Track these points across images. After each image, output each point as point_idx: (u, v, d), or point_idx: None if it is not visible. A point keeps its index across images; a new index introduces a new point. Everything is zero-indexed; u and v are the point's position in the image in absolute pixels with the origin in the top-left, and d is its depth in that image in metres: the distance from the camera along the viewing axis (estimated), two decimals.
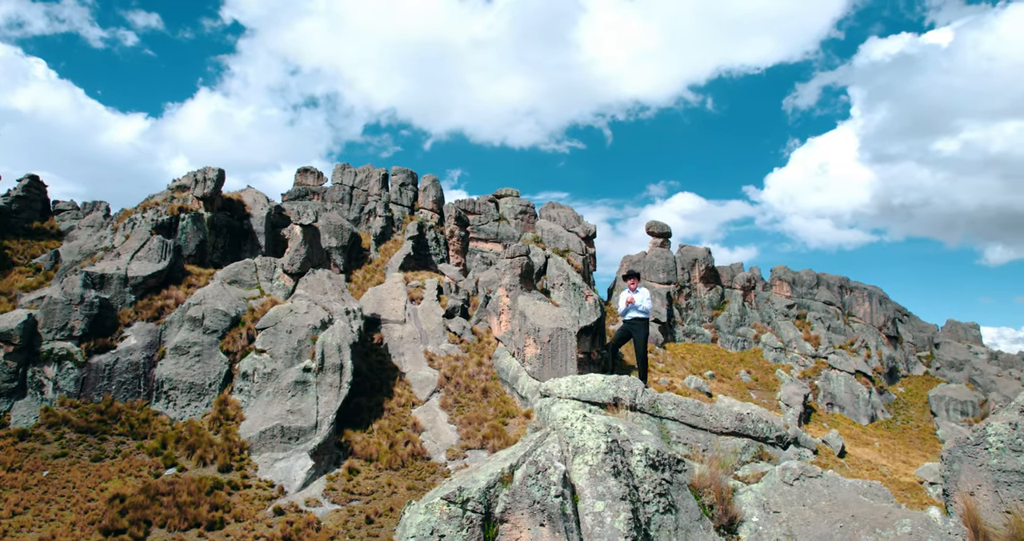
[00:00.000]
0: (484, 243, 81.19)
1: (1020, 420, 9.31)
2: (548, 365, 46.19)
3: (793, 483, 7.25)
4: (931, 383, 77.59)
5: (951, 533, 6.82)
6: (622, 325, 11.14)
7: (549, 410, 7.99)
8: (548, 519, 5.78)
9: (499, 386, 47.69)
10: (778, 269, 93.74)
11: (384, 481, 35.66)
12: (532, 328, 47.44)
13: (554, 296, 57.74)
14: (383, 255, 64.87)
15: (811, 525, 6.74)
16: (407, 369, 47.31)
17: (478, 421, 42.86)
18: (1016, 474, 9.13)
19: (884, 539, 6.56)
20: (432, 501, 6.10)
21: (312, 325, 40.95)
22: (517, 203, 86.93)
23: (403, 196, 73.72)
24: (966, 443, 9.73)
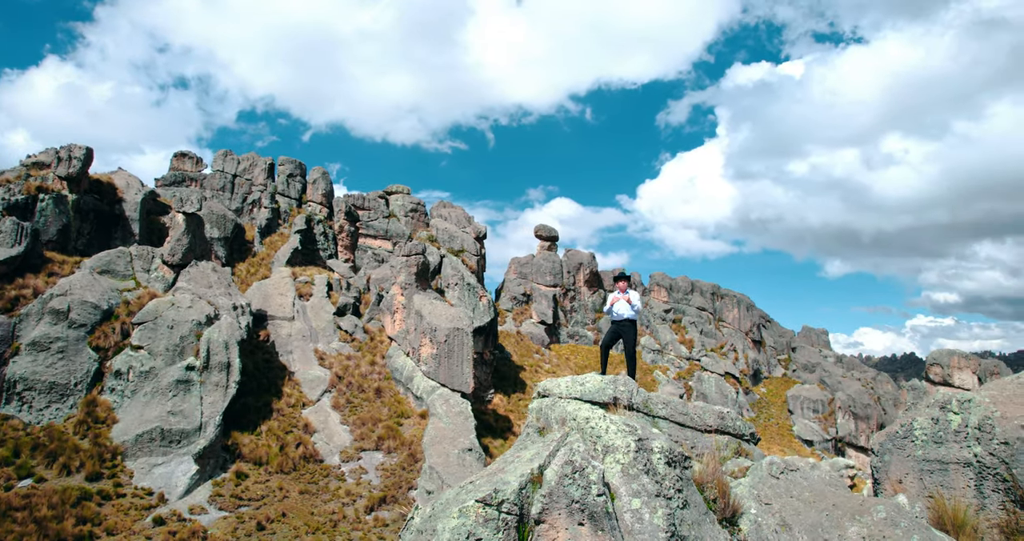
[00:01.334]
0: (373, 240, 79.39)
1: (940, 415, 10.45)
2: (444, 365, 45.94)
3: (779, 476, 7.74)
4: (789, 384, 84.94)
5: (917, 516, 7.57)
6: (612, 326, 11.37)
7: (552, 410, 8.00)
8: (589, 518, 5.80)
9: (393, 386, 46.82)
10: (656, 275, 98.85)
11: (275, 485, 33.94)
12: (428, 327, 46.99)
13: (449, 296, 57.52)
14: (268, 248, 61.72)
15: (801, 515, 7.23)
16: (296, 368, 45.31)
17: (372, 422, 41.86)
18: (937, 463, 10.24)
19: (865, 524, 7.17)
20: (466, 504, 5.94)
21: (196, 320, 38.20)
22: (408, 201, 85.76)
23: (291, 188, 70.54)
24: (895, 436, 10.80)
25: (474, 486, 6.38)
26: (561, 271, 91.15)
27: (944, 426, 10.23)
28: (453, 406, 43.09)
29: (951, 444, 10.12)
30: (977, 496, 9.77)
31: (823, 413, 76.22)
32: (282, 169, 71.77)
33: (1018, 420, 9.80)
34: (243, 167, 70.84)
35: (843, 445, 74.21)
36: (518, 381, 61.89)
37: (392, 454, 39.17)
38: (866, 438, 74.20)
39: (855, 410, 74.64)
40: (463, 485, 6.59)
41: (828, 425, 75.02)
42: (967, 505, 9.86)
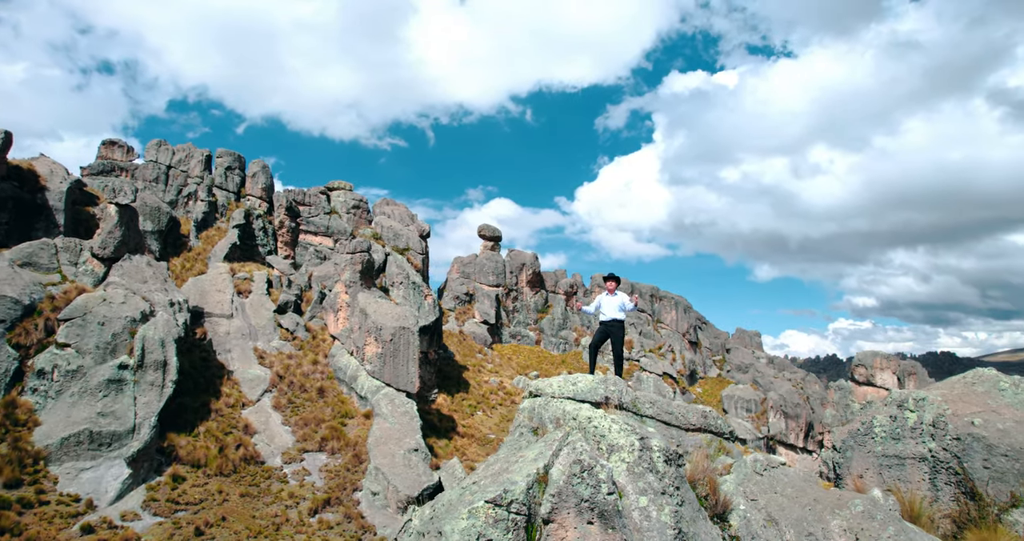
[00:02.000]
0: (314, 236, 77.64)
1: (898, 413, 11.03)
2: (389, 364, 45.37)
3: (763, 473, 8.01)
4: (723, 384, 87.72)
5: (891, 509, 7.97)
6: (600, 327, 11.45)
7: (546, 410, 8.02)
8: (599, 517, 5.85)
9: (336, 385, 45.90)
10: (597, 277, 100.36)
11: (214, 488, 32.72)
12: (374, 326, 46.29)
13: (393, 294, 56.83)
14: (205, 243, 59.47)
15: (785, 510, 7.50)
16: (235, 367, 43.83)
17: (315, 422, 40.92)
18: (895, 458, 10.81)
19: (845, 518, 7.50)
20: (475, 506, 5.90)
21: (130, 317, 36.44)
22: (350, 197, 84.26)
23: (229, 181, 68.18)
24: (857, 433, 11.32)
25: (479, 487, 6.34)
26: (504, 271, 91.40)
27: (901, 423, 10.80)
28: (398, 406, 42.60)
29: (908, 440, 10.69)
30: (931, 489, 10.36)
31: (756, 412, 79.09)
32: (220, 161, 69.29)
33: (968, 417, 10.43)
34: (178, 158, 68.04)
35: (775, 443, 77.19)
36: (461, 381, 61.71)
37: (336, 455, 38.39)
38: (795, 436, 77.40)
39: (786, 409, 77.76)
40: (465, 486, 6.54)
41: (761, 424, 77.89)
42: (922, 497, 10.42)
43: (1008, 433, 10.00)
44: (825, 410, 77.90)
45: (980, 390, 11.11)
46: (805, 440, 78.24)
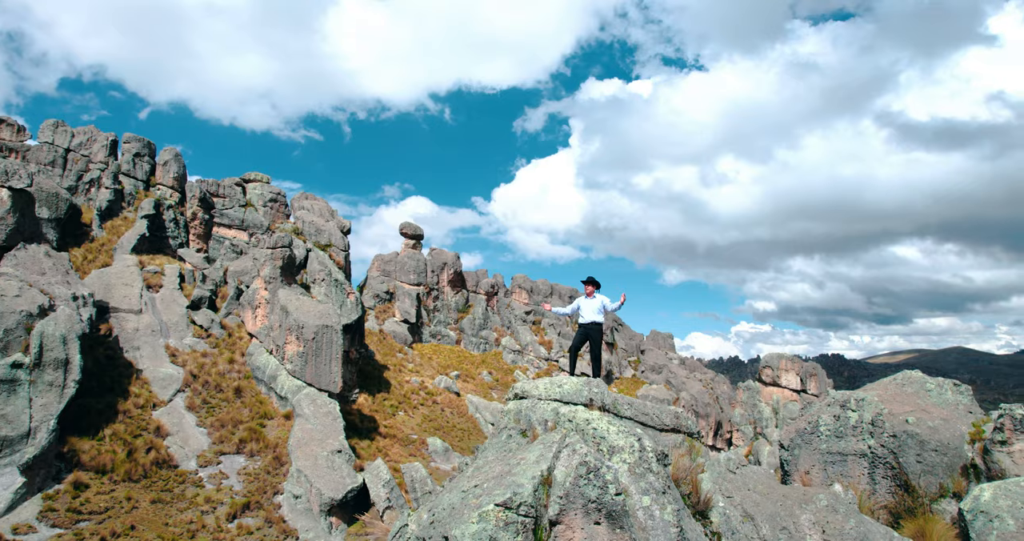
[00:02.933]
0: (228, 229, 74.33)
1: (841, 413, 11.77)
2: (311, 364, 44.09)
3: (736, 471, 8.38)
4: (638, 384, 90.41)
5: (850, 502, 8.52)
6: (580, 329, 11.51)
7: (534, 411, 8.05)
8: (607, 517, 5.96)
9: (254, 385, 44.14)
10: (518, 277, 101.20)
11: (122, 495, 30.75)
12: (295, 324, 44.84)
13: (315, 291, 55.25)
14: (110, 233, 55.75)
15: (759, 506, 7.88)
16: (145, 365, 41.34)
17: (232, 423, 39.21)
18: (838, 455, 11.53)
19: (812, 511, 7.97)
20: (485, 509, 5.88)
21: (26, 311, 33.68)
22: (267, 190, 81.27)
23: (137, 168, 64.18)
24: (804, 432, 12.00)
25: (482, 490, 6.32)
26: (425, 270, 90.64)
27: (844, 422, 11.54)
28: (321, 406, 41.46)
29: (850, 438, 11.44)
30: (870, 483, 11.13)
31: None
32: (127, 147, 65.12)
33: (903, 416, 11.28)
34: (79, 141, 63.42)
35: None
36: (382, 380, 60.74)
37: (255, 457, 36.93)
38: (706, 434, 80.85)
39: (697, 409, 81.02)
40: (466, 489, 6.50)
41: None
42: (862, 491, 11.18)
43: (937, 430, 10.89)
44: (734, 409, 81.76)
45: (910, 391, 12.04)
46: (715, 438, 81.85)
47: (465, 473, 7.60)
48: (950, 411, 11.26)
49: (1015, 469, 9.97)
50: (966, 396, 11.65)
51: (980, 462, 10.41)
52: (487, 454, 7.85)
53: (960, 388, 11.75)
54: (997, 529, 8.84)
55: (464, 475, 7.56)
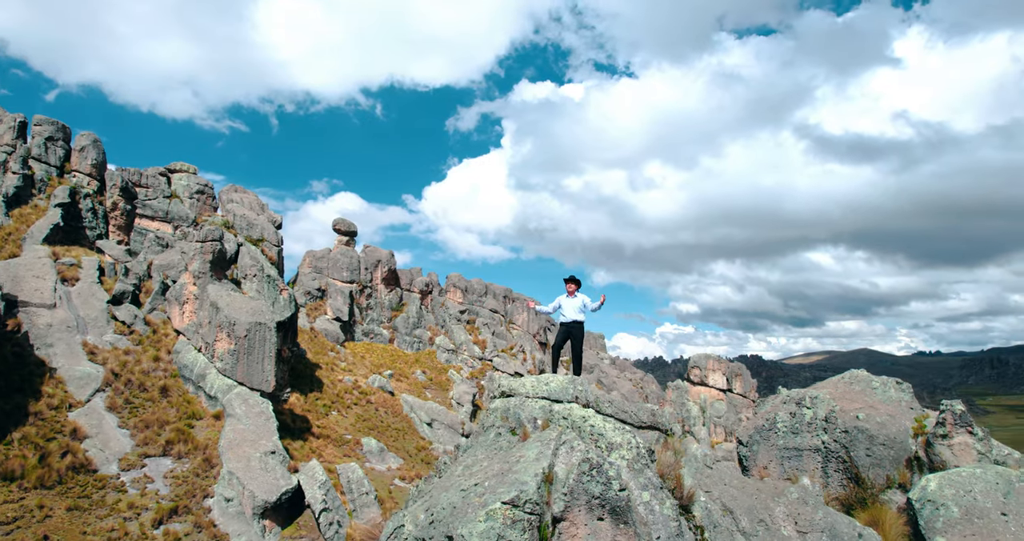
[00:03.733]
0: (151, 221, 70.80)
1: (796, 410, 12.32)
2: (244, 362, 42.59)
3: (712, 466, 8.65)
4: None
5: (818, 495, 8.95)
6: (562, 328, 11.56)
7: (523, 409, 8.06)
8: (610, 513, 6.05)
9: (181, 384, 42.22)
10: (453, 277, 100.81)
11: (33, 503, 28.80)
12: (227, 321, 43.19)
13: (246, 287, 53.36)
14: (18, 222, 52.10)
15: (736, 499, 8.18)
16: (59, 364, 38.86)
17: (158, 424, 37.39)
18: (795, 450, 12.07)
19: (784, 504, 8.33)
20: (492, 507, 5.87)
21: None
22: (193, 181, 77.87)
23: (50, 153, 60.20)
24: (762, 429, 12.49)
25: (484, 488, 6.29)
26: (359, 267, 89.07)
27: (800, 419, 12.09)
28: (253, 406, 40.09)
29: (805, 434, 12.00)
30: (823, 476, 11.71)
31: None
32: (38, 130, 60.99)
33: (853, 412, 11.91)
34: None
35: None
36: (314, 380, 59.29)
37: (183, 460, 35.34)
38: None
39: None
40: (466, 488, 6.46)
41: None
42: (816, 484, 11.73)
43: (885, 425, 11.57)
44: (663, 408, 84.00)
45: (857, 389, 12.73)
46: None
47: (454, 472, 7.54)
48: (894, 407, 11.99)
49: (955, 461, 10.71)
50: (907, 393, 12.44)
51: (923, 455, 11.14)
52: (476, 452, 7.81)
53: (902, 386, 12.53)
54: (943, 516, 9.48)
55: (453, 474, 7.49)
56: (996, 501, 9.62)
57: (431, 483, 8.05)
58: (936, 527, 9.41)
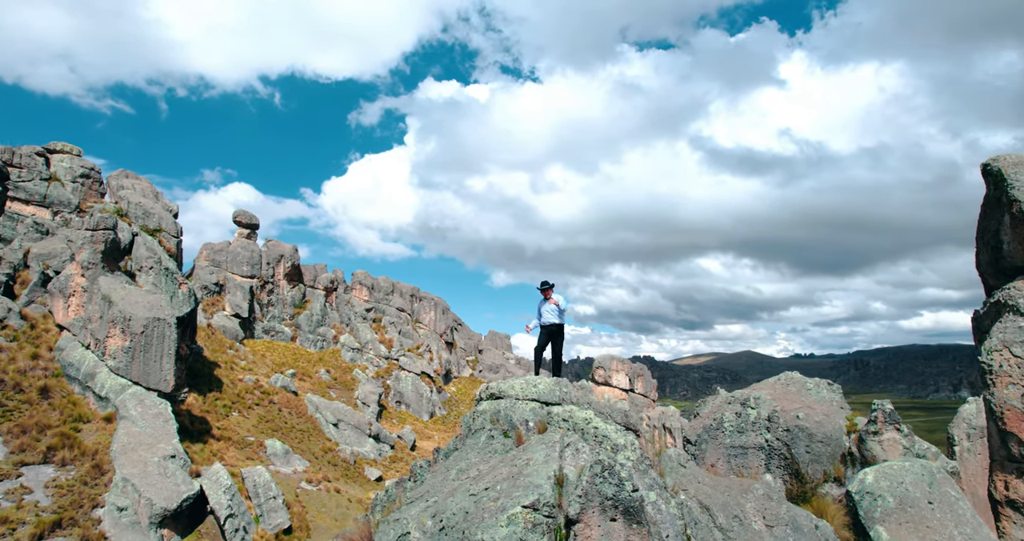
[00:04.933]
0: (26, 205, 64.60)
1: (742, 410, 12.98)
2: (139, 360, 39.75)
3: (686, 465, 8.95)
4: (476, 383, 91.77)
5: (779, 489, 9.47)
6: (542, 331, 11.58)
7: (514, 411, 8.01)
8: (623, 514, 6.13)
9: (66, 384, 38.84)
10: (359, 274, 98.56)
11: None
12: (121, 316, 40.16)
13: (142, 280, 49.84)
14: None
15: (711, 497, 8.52)
16: None
17: (38, 429, 34.21)
18: (740, 448, 12.71)
19: (752, 500, 8.77)
20: (513, 512, 5.84)
21: None
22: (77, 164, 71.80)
23: None
24: (710, 428, 13.05)
25: (497, 492, 6.24)
26: (260, 262, 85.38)
27: (745, 418, 12.74)
28: (150, 407, 37.50)
29: (750, 433, 12.66)
30: (765, 472, 12.38)
31: None
32: None
33: (794, 412, 12.69)
34: None
35: None
36: (213, 379, 56.26)
37: (68, 467, 32.52)
38: None
39: None
40: (476, 492, 6.38)
41: None
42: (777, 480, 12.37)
43: (822, 424, 12.40)
44: None
45: (794, 390, 13.58)
46: None
47: (447, 476, 7.38)
48: (828, 407, 12.89)
49: (884, 455, 11.66)
50: (837, 394, 13.41)
51: (856, 450, 12.04)
52: (468, 455, 7.70)
53: (833, 387, 13.50)
54: (881, 506, 10.29)
55: (447, 478, 7.34)
56: (923, 491, 10.56)
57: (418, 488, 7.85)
58: (875, 516, 10.20)
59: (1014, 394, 12.12)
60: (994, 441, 12.55)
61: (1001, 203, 14.01)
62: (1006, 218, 13.79)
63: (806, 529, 9.00)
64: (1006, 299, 12.99)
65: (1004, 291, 13.23)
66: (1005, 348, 12.26)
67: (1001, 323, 12.70)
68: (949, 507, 10.45)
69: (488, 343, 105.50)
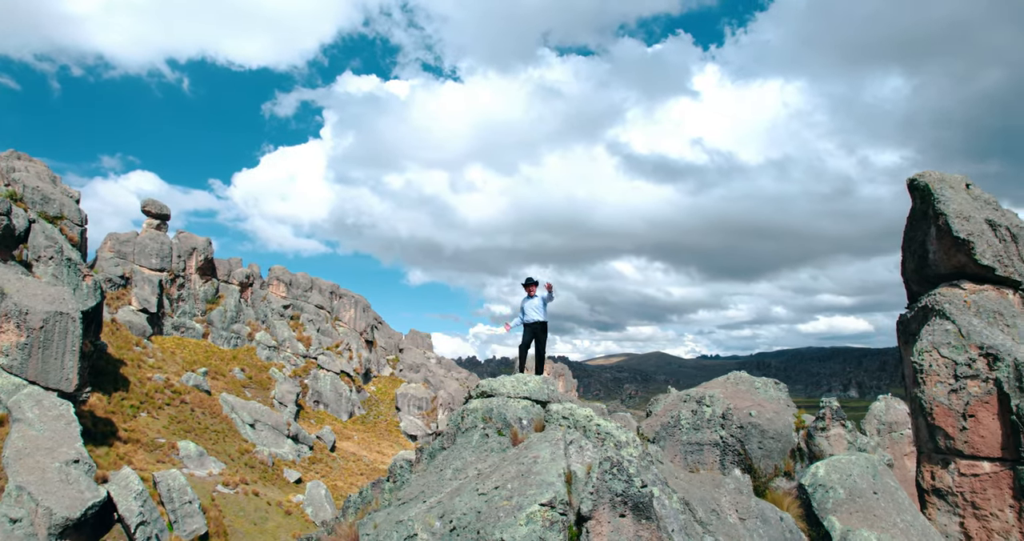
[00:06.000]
0: None
1: (697, 408, 13.41)
2: (38, 357, 36.85)
3: (663, 462, 9.14)
4: (396, 383, 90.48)
5: (748, 483, 9.82)
6: (526, 329, 11.47)
7: (507, 409, 7.92)
8: (632, 510, 6.19)
9: None
10: (276, 269, 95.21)
11: None
12: (16, 309, 37.07)
13: (40, 271, 46.18)
14: None
15: (689, 492, 8.74)
16: None
17: None
18: (696, 445, 13.12)
19: (725, 494, 9.08)
20: (531, 510, 5.79)
21: None
22: None
23: None
24: (668, 425, 13.41)
25: (509, 491, 6.18)
26: (171, 254, 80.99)
27: (700, 416, 13.16)
28: (49, 409, 34.77)
29: (705, 430, 13.09)
30: (721, 468, 12.85)
31: (427, 409, 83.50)
32: None
33: (746, 409, 13.23)
34: None
35: None
36: (119, 377, 52.89)
37: None
38: None
39: (453, 406, 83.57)
40: (486, 492, 6.29)
41: (430, 420, 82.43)
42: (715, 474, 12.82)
43: (773, 421, 12.99)
44: None
45: (743, 389, 14.15)
46: None
47: (443, 476, 7.21)
48: (776, 405, 13.51)
49: (830, 449, 12.34)
50: (784, 392, 14.09)
51: (804, 446, 12.69)
52: (462, 455, 7.55)
53: (780, 386, 14.17)
54: (832, 498, 10.88)
55: (443, 478, 7.17)
56: (869, 482, 11.25)
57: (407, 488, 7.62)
58: (827, 507, 10.78)
59: (942, 391, 13.12)
60: (922, 435, 13.55)
61: (928, 216, 15.13)
62: (932, 230, 14.90)
63: (773, 521, 9.41)
64: (933, 304, 14.02)
65: (931, 297, 14.27)
66: (934, 349, 13.25)
67: (929, 326, 13.70)
68: (891, 496, 11.18)
69: (409, 342, 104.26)
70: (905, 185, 16.44)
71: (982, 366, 12.70)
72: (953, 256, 14.15)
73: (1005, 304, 13.84)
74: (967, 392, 12.66)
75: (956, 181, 15.60)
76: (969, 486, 12.59)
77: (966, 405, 12.64)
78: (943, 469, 12.89)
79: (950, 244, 14.12)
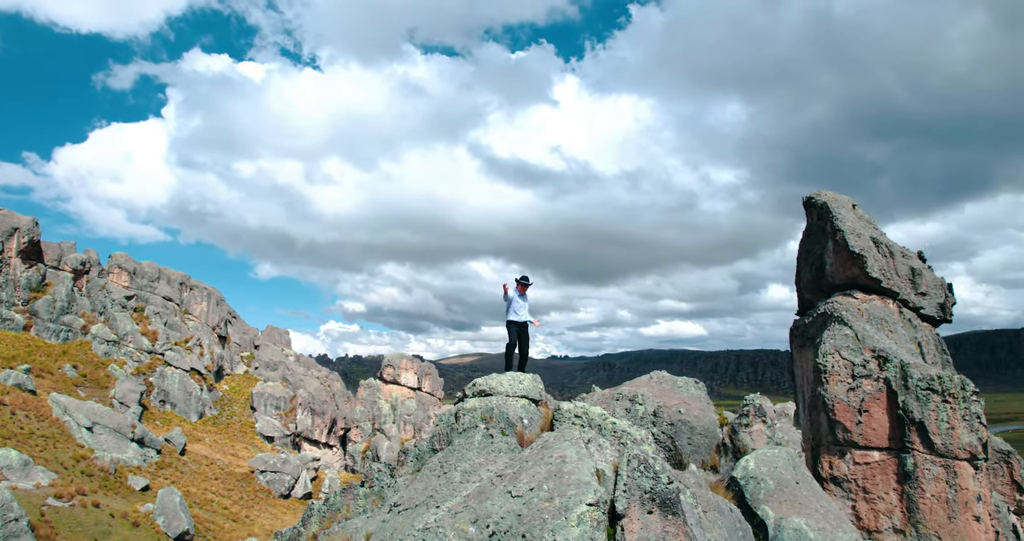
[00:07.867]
0: None
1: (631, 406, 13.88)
2: None
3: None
4: (252, 381, 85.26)
5: (705, 478, 10.28)
6: (513, 328, 11.08)
7: (507, 408, 7.69)
8: (660, 506, 6.26)
9: None
10: (119, 256, 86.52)
11: None
12: None
13: None
14: None
15: None
16: None
17: None
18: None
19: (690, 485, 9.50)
20: (580, 511, 5.76)
21: None
22: None
23: None
24: None
25: (548, 492, 6.07)
26: None
27: (634, 414, 13.64)
28: None
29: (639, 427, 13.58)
30: None
31: (285, 409, 79.45)
32: None
33: (675, 408, 13.90)
34: None
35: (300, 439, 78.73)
36: None
37: None
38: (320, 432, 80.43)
39: (313, 406, 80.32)
40: (521, 494, 6.13)
41: (289, 421, 78.56)
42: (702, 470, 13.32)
43: (700, 417, 13.74)
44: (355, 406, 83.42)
45: (667, 387, 14.85)
46: (328, 435, 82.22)
47: (450, 478, 6.85)
48: (700, 402, 14.30)
49: (753, 444, 13.29)
50: (703, 391, 14.93)
51: (728, 441, 13.54)
52: (467, 456, 7.22)
53: (700, 385, 15.00)
54: (764, 488, 11.74)
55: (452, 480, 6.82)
56: (791, 473, 12.26)
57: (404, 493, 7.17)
58: (759, 498, 11.60)
59: (842, 390, 14.58)
60: (823, 429, 14.96)
61: (826, 231, 16.75)
62: (830, 244, 16.52)
63: (725, 512, 9.98)
64: (832, 311, 15.54)
65: (829, 304, 15.81)
66: (836, 352, 14.69)
67: (830, 331, 15.17)
68: (808, 485, 12.25)
69: (266, 338, 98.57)
70: (802, 202, 18.12)
71: (874, 367, 14.30)
72: (848, 268, 15.81)
73: (888, 312, 15.67)
74: (863, 390, 14.18)
75: (845, 202, 17.43)
76: (861, 473, 14.11)
77: (861, 401, 14.17)
78: (840, 459, 14.35)
79: (846, 258, 15.76)
